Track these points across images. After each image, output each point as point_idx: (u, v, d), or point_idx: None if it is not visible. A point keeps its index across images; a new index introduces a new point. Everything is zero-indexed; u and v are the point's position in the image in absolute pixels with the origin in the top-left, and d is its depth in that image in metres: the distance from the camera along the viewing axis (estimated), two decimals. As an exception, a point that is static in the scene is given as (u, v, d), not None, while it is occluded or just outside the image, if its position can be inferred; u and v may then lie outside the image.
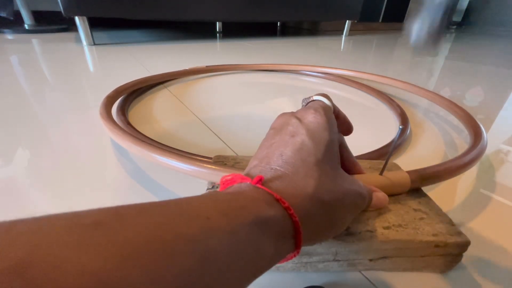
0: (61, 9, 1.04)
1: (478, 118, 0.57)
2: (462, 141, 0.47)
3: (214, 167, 0.26)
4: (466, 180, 0.36)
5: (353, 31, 2.03)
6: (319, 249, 0.21)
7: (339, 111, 0.23)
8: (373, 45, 1.54)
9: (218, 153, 0.31)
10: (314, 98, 0.22)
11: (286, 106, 0.60)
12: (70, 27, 1.63)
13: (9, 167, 0.35)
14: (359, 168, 0.24)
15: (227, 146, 0.42)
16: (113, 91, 0.50)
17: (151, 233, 0.09)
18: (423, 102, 0.65)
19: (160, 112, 0.54)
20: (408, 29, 0.24)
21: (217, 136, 0.45)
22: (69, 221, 0.09)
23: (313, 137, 0.17)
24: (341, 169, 0.18)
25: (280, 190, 0.15)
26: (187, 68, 0.73)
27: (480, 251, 0.25)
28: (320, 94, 0.22)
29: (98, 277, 0.07)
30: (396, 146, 0.39)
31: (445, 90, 0.76)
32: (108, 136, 0.42)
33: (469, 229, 0.28)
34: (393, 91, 0.71)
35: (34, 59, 0.90)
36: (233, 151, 0.41)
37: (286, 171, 0.16)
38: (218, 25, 1.84)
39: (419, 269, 0.23)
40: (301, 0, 1.54)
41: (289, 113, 0.20)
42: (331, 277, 0.23)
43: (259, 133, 0.46)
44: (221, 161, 0.30)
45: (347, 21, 1.87)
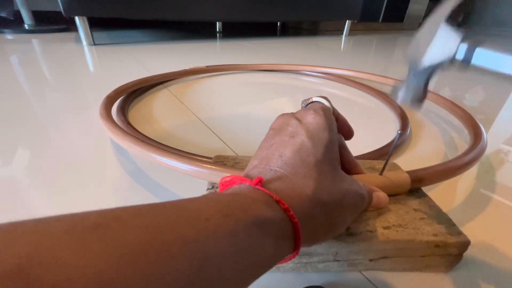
0: (61, 9, 1.04)
1: (478, 118, 0.57)
2: (462, 141, 0.47)
3: (214, 167, 0.26)
4: (466, 180, 0.36)
5: (353, 31, 2.02)
6: (319, 249, 0.21)
7: (339, 114, 0.23)
8: (373, 45, 1.54)
9: (218, 153, 0.31)
10: (313, 99, 0.22)
11: (286, 106, 0.60)
12: (70, 27, 1.63)
13: (9, 167, 0.35)
14: (359, 168, 0.24)
15: (227, 146, 0.42)
16: (113, 91, 0.50)
17: (150, 235, 0.09)
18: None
19: (160, 112, 0.54)
20: (394, 92, 0.25)
21: (217, 136, 0.45)
22: (69, 223, 0.09)
23: (313, 137, 0.17)
24: (341, 170, 0.18)
25: (279, 191, 0.15)
26: (187, 68, 0.73)
27: (480, 251, 0.25)
28: (319, 96, 0.22)
29: (98, 279, 0.07)
30: (395, 146, 0.39)
31: (445, 90, 0.76)
32: (108, 136, 0.42)
33: (469, 229, 0.28)
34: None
35: (34, 59, 0.90)
36: (233, 151, 0.41)
37: (285, 172, 0.16)
38: (218, 25, 1.84)
39: (419, 269, 0.23)
40: (301, 0, 1.54)
41: (288, 114, 0.20)
42: (331, 277, 0.23)
43: (259, 133, 0.46)
44: (221, 161, 0.29)
45: (347, 21, 1.87)
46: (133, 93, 0.58)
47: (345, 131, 0.23)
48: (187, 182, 0.33)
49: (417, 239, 0.21)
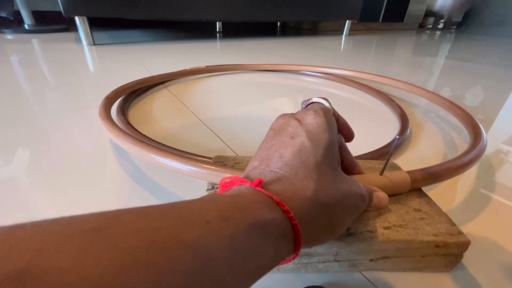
0: (61, 9, 1.04)
1: (478, 118, 0.57)
2: (462, 141, 0.47)
3: (213, 167, 0.26)
4: (466, 180, 0.36)
5: (353, 31, 2.03)
6: (319, 250, 0.21)
7: (339, 116, 0.23)
8: (373, 45, 1.54)
9: (218, 153, 0.31)
10: (313, 100, 0.22)
11: (286, 106, 0.60)
12: (70, 27, 1.63)
13: (8, 167, 0.35)
14: (359, 168, 0.24)
15: (227, 146, 0.42)
16: (112, 92, 0.50)
17: (151, 238, 0.09)
18: (423, 102, 0.65)
19: (160, 112, 0.54)
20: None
21: (217, 136, 0.45)
22: (69, 227, 0.09)
23: (313, 138, 0.17)
24: (341, 171, 0.18)
25: (279, 192, 0.15)
26: (187, 68, 0.73)
27: (480, 251, 0.25)
28: (319, 97, 0.22)
29: (99, 280, 0.07)
30: (393, 151, 0.39)
31: (445, 90, 0.76)
32: (107, 136, 0.42)
33: (469, 229, 0.28)
34: (393, 91, 0.71)
35: (34, 59, 0.90)
36: (233, 151, 0.41)
37: (285, 174, 0.16)
38: (218, 25, 1.84)
39: (420, 269, 0.23)
40: (301, 0, 1.54)
41: (288, 114, 0.20)
42: (332, 277, 0.23)
43: (259, 133, 0.46)
44: (221, 162, 0.29)
45: (347, 21, 1.87)
46: (133, 93, 0.58)
47: (345, 132, 0.23)
48: (187, 182, 0.33)
49: (418, 239, 0.21)
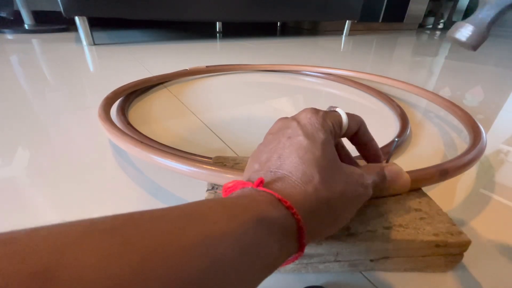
0: (61, 9, 1.04)
1: (478, 118, 0.57)
2: (461, 141, 0.47)
3: (213, 168, 0.26)
4: (466, 180, 0.36)
5: (353, 31, 2.03)
6: (320, 250, 0.21)
7: (369, 137, 0.23)
8: (373, 45, 1.54)
9: (218, 153, 0.31)
10: (336, 109, 0.21)
11: (286, 106, 0.60)
12: (70, 27, 1.63)
13: (8, 167, 0.35)
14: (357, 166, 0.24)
15: (227, 146, 0.42)
16: (112, 93, 0.50)
17: (164, 239, 0.10)
18: (423, 102, 0.65)
19: (160, 112, 0.54)
20: (455, 28, 0.22)
21: (217, 136, 0.45)
22: (88, 226, 0.09)
23: (309, 136, 0.17)
24: (340, 163, 0.18)
25: (280, 190, 0.15)
26: (187, 68, 0.73)
27: (481, 251, 0.25)
28: (341, 109, 0.21)
29: (117, 280, 0.08)
30: (392, 153, 0.39)
31: (445, 90, 0.76)
32: (107, 137, 0.42)
33: (469, 229, 0.28)
34: (393, 91, 0.71)
35: (34, 59, 0.90)
36: (234, 152, 0.41)
37: (285, 172, 0.16)
38: (218, 25, 1.84)
39: (420, 269, 0.23)
40: (301, 0, 1.54)
41: (287, 117, 0.21)
42: (332, 278, 0.23)
43: (260, 133, 0.46)
44: (221, 162, 0.29)
45: (347, 21, 1.87)
46: (133, 93, 0.58)
47: (371, 154, 0.24)
48: (187, 183, 0.33)
49: (418, 239, 0.21)
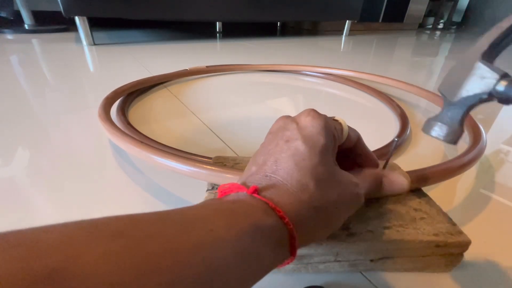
0: (61, 9, 1.04)
1: (478, 118, 0.57)
2: (461, 141, 0.47)
3: (213, 168, 0.26)
4: (466, 180, 0.36)
5: (353, 31, 2.03)
6: (320, 250, 0.21)
7: (367, 149, 0.23)
8: (373, 45, 1.54)
9: (218, 153, 0.31)
10: (335, 118, 0.21)
11: (286, 106, 0.60)
12: (70, 27, 1.63)
13: (8, 167, 0.35)
14: (374, 162, 0.24)
15: (227, 146, 0.42)
16: (112, 93, 0.50)
17: (166, 245, 0.10)
18: (423, 102, 0.65)
19: (160, 112, 0.54)
20: (427, 126, 0.23)
21: (217, 136, 0.45)
22: (92, 231, 0.10)
23: (307, 141, 0.17)
24: (338, 170, 0.18)
25: (274, 198, 0.16)
26: (187, 68, 0.73)
27: (481, 251, 0.25)
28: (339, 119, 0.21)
29: (121, 284, 0.08)
30: (392, 153, 0.39)
31: (445, 90, 0.76)
32: (107, 137, 0.42)
33: (469, 229, 0.28)
34: (393, 91, 0.71)
35: (34, 59, 0.90)
36: (233, 151, 0.41)
37: (280, 178, 0.16)
38: (218, 25, 1.84)
39: (420, 269, 0.23)
40: (301, 0, 1.54)
41: (288, 116, 0.21)
42: (332, 278, 0.23)
43: (259, 133, 0.46)
44: (221, 162, 0.29)
45: (347, 21, 1.87)
46: (133, 93, 0.58)
47: (369, 163, 0.24)
48: (186, 182, 0.33)
49: (418, 239, 0.21)
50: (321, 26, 2.09)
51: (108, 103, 0.45)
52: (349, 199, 0.18)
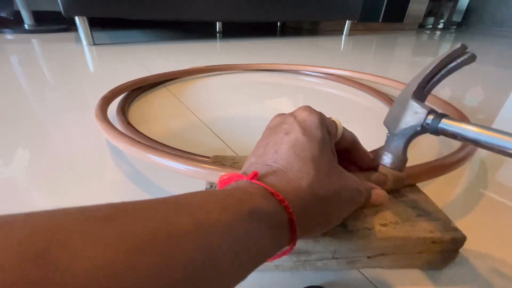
0: (61, 9, 1.04)
1: (478, 118, 0.57)
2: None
3: (212, 167, 0.26)
4: (461, 177, 0.37)
5: (353, 31, 2.03)
6: (317, 248, 0.21)
7: (363, 150, 0.23)
8: (373, 45, 1.55)
9: (218, 153, 0.31)
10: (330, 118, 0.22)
11: (286, 106, 0.61)
12: (70, 27, 1.63)
13: (7, 167, 0.35)
14: (371, 162, 0.24)
15: (227, 146, 0.42)
16: (109, 92, 0.50)
17: (156, 227, 0.10)
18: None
19: (160, 112, 0.54)
20: (379, 156, 0.27)
21: (217, 136, 0.45)
22: (81, 214, 0.10)
23: (307, 133, 0.18)
24: (338, 165, 0.19)
25: (274, 184, 0.16)
26: (187, 68, 0.73)
27: (476, 247, 0.26)
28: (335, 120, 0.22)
29: (108, 269, 0.08)
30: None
31: (445, 90, 0.76)
32: (105, 137, 0.43)
33: (465, 225, 0.28)
34: (393, 91, 0.71)
35: (34, 59, 0.90)
36: (233, 151, 0.41)
37: (280, 167, 0.16)
38: (218, 25, 1.85)
39: (417, 266, 0.23)
40: (301, 0, 1.55)
41: (284, 113, 0.21)
42: (331, 277, 0.23)
43: (259, 133, 0.46)
44: (219, 161, 0.30)
45: (347, 21, 1.87)
46: (134, 93, 0.59)
47: (365, 161, 0.24)
48: (186, 182, 0.33)
49: (414, 236, 0.21)
50: (321, 26, 2.10)
51: (105, 102, 0.45)
52: (351, 195, 0.18)
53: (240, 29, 1.97)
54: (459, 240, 0.21)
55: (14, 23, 1.51)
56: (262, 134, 0.21)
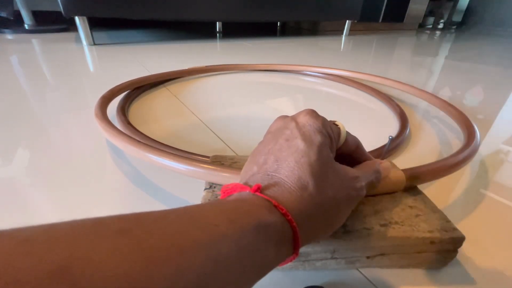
0: (61, 9, 1.04)
1: (478, 118, 0.57)
2: (458, 141, 0.47)
3: (211, 167, 0.26)
4: (460, 178, 0.37)
5: (353, 31, 2.03)
6: (317, 247, 0.21)
7: (367, 156, 0.24)
8: (373, 45, 1.55)
9: (218, 153, 0.31)
10: (335, 122, 0.22)
11: (286, 106, 0.61)
12: (70, 27, 1.63)
13: (7, 167, 0.35)
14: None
15: (227, 146, 0.42)
16: (108, 91, 0.50)
17: (169, 240, 0.11)
18: (422, 103, 0.65)
19: (160, 111, 0.54)
20: None
21: (217, 136, 0.45)
22: (97, 228, 0.10)
23: (306, 139, 0.18)
24: (335, 167, 0.19)
25: (277, 196, 0.16)
26: (186, 68, 0.73)
27: (475, 247, 0.26)
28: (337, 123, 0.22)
29: (127, 279, 0.08)
30: (388, 151, 0.40)
31: (445, 90, 0.76)
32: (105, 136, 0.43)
33: (464, 225, 0.28)
34: (393, 91, 0.71)
35: (34, 59, 0.90)
36: (233, 151, 0.41)
37: (282, 176, 0.17)
38: (218, 25, 1.84)
39: (416, 266, 0.23)
40: (301, 0, 1.55)
41: (286, 116, 0.21)
42: (330, 276, 0.23)
43: (259, 133, 0.46)
44: (218, 161, 0.30)
45: (347, 21, 1.87)
46: (134, 92, 0.59)
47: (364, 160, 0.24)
48: (185, 182, 0.33)
49: (413, 236, 0.21)
50: (321, 26, 2.10)
51: (104, 102, 0.45)
52: (347, 194, 0.18)
53: (240, 29, 1.97)
54: (458, 240, 0.21)
55: (14, 23, 1.51)
56: (263, 136, 0.21)
